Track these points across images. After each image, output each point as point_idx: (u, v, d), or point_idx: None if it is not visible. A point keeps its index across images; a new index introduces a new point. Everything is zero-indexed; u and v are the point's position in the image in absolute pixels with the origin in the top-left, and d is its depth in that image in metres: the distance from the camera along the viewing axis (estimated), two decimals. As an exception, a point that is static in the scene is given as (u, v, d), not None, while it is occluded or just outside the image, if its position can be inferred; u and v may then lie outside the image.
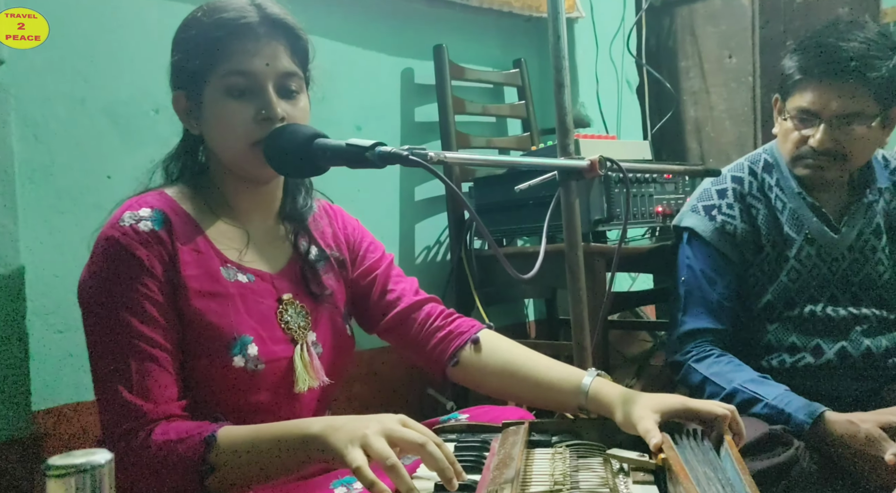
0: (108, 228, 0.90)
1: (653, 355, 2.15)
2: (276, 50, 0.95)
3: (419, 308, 1.11)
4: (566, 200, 1.13)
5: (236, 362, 0.91)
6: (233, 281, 0.95)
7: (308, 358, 0.98)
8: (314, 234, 1.08)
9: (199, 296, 0.92)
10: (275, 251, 1.03)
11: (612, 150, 1.85)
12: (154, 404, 0.84)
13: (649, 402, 0.90)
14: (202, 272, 0.93)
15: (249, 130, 0.93)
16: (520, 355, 1.07)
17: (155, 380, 0.86)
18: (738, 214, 1.45)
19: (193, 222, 0.96)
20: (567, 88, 1.12)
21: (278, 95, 0.95)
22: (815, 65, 1.30)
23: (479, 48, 2.22)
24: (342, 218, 1.16)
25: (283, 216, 1.06)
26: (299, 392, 0.97)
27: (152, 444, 0.82)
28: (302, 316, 1.00)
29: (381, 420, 0.76)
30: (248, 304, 0.96)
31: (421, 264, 2.03)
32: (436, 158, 0.84)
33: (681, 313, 1.47)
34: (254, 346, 0.93)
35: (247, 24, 0.93)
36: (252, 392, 0.94)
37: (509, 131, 2.31)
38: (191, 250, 0.93)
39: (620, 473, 0.81)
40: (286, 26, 0.97)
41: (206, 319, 0.91)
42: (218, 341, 0.91)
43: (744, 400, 1.30)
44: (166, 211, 0.93)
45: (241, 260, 0.98)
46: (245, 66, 0.93)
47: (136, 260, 0.88)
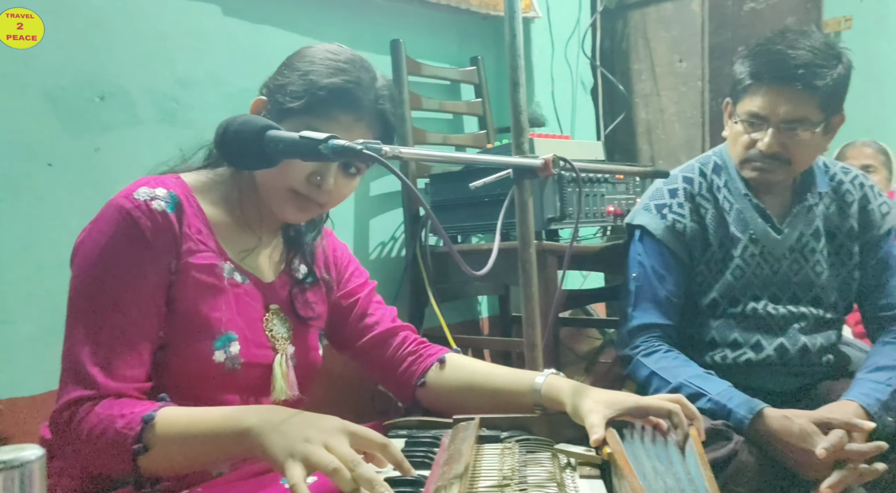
0: (120, 197, 0.90)
1: (602, 352, 2.19)
2: (366, 134, 0.96)
3: (395, 334, 1.15)
4: (520, 198, 1.14)
5: (217, 356, 0.92)
6: (229, 278, 0.97)
7: (286, 369, 1.00)
8: (309, 256, 1.11)
9: (195, 286, 0.92)
10: (271, 262, 1.05)
11: (566, 149, 1.87)
12: (111, 380, 0.84)
13: (601, 396, 0.91)
14: (203, 264, 0.94)
15: (297, 181, 0.94)
16: (480, 369, 1.11)
17: (122, 358, 0.85)
18: (687, 213, 1.48)
19: (203, 215, 0.97)
20: (522, 87, 1.13)
21: (341, 168, 0.96)
22: (765, 71, 1.35)
23: (436, 45, 2.21)
24: (332, 241, 1.19)
25: (285, 236, 1.09)
26: (275, 401, 0.98)
27: (95, 414, 0.81)
28: (285, 328, 1.03)
29: (323, 430, 0.74)
30: (239, 304, 0.97)
31: (375, 259, 2.02)
32: (390, 154, 0.83)
33: (631, 308, 1.50)
34: (237, 344, 0.94)
35: (359, 105, 0.94)
36: (223, 391, 0.95)
37: (465, 129, 2.31)
38: (196, 239, 0.94)
39: (567, 467, 0.83)
40: (388, 122, 0.99)
41: (198, 309, 0.92)
42: (204, 332, 0.92)
43: (689, 395, 1.32)
44: (181, 197, 0.93)
45: (241, 262, 1.00)
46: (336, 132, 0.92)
47: (142, 235, 0.88)
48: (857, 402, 1.28)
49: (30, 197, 1.27)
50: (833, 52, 1.35)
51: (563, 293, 1.75)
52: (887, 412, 1.27)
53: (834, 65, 1.33)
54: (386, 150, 0.83)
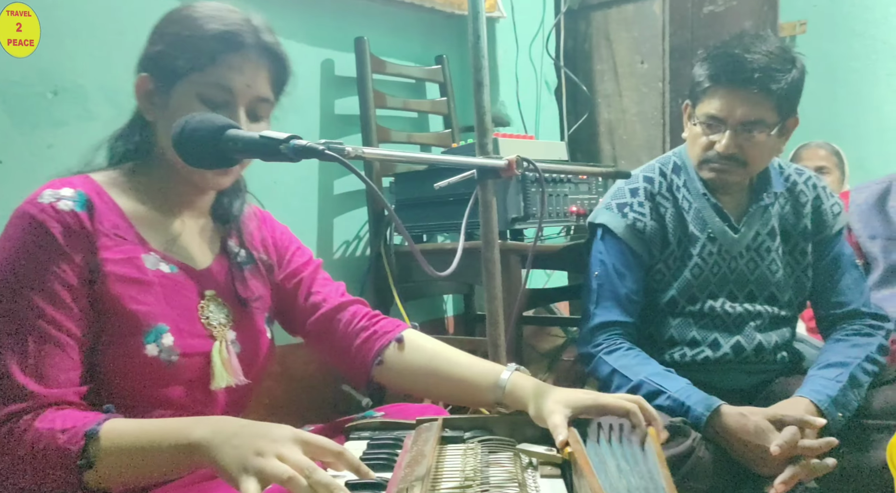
0: (25, 203, 0.87)
1: (565, 349, 2.21)
2: (260, 74, 0.96)
3: (343, 310, 1.11)
4: (483, 198, 1.15)
5: (149, 350, 0.89)
6: (154, 270, 0.94)
7: (227, 355, 0.97)
8: (244, 236, 1.08)
9: (117, 281, 0.89)
10: (203, 247, 1.03)
11: (530, 149, 1.89)
12: (47, 388, 0.81)
13: (561, 396, 0.92)
14: (122, 258, 0.91)
15: None
16: (442, 353, 1.08)
17: (53, 363, 0.82)
18: (647, 212, 1.50)
19: (118, 209, 0.94)
20: (486, 87, 1.13)
21: (247, 116, 0.96)
22: (723, 74, 1.37)
23: (401, 43, 2.20)
24: (271, 223, 1.16)
25: (215, 215, 1.06)
26: (215, 390, 0.95)
27: (35, 430, 0.78)
28: (223, 314, 1.00)
29: (275, 440, 0.73)
30: (168, 294, 0.94)
31: (339, 258, 2.01)
32: (353, 154, 0.83)
33: (593, 306, 1.52)
34: (169, 336, 0.91)
35: (242, 42, 0.94)
36: (164, 385, 0.92)
37: (430, 127, 2.31)
38: (112, 234, 0.91)
39: (529, 467, 0.83)
40: (276, 55, 0.98)
41: (122, 304, 0.89)
42: (132, 327, 0.89)
43: (649, 392, 1.36)
44: (90, 194, 0.91)
45: (167, 251, 0.97)
46: (227, 81, 0.93)
47: (52, 239, 0.85)
48: (808, 398, 1.32)
49: (-23, 195, 1.22)
50: (788, 57, 1.38)
51: (527, 292, 1.76)
52: (838, 408, 1.31)
53: (789, 69, 1.37)
54: (348, 150, 0.82)
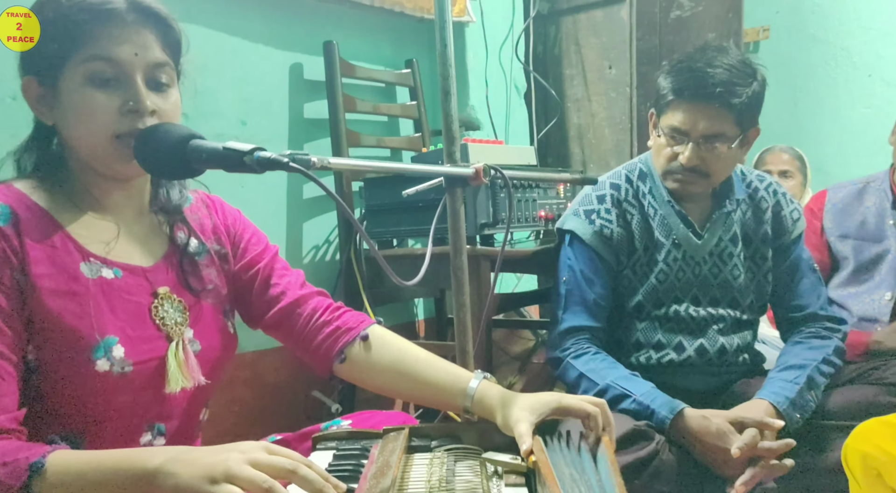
0: None
1: (535, 353, 2.23)
2: (146, 39, 0.89)
3: (304, 303, 1.08)
4: (452, 206, 1.15)
5: (100, 365, 0.85)
6: (95, 278, 0.89)
7: (183, 357, 0.93)
8: (192, 225, 1.03)
9: (53, 295, 0.85)
10: (149, 244, 0.98)
11: (499, 155, 1.90)
12: None
13: (526, 403, 0.93)
14: (56, 270, 0.86)
15: (113, 121, 0.87)
16: (408, 353, 1.06)
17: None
18: (614, 219, 1.53)
19: (48, 217, 0.89)
20: (454, 95, 1.14)
21: (147, 87, 0.89)
22: (686, 88, 1.40)
23: (371, 47, 2.20)
24: (222, 209, 1.10)
25: (156, 208, 1.01)
26: (171, 392, 0.92)
27: None
28: (179, 312, 0.96)
29: (242, 449, 0.72)
30: (112, 301, 0.90)
31: (309, 263, 2.00)
32: (319, 164, 0.83)
33: (561, 311, 1.54)
34: (120, 347, 0.87)
35: (113, 9, 0.87)
36: (115, 396, 0.88)
37: (401, 131, 2.31)
38: (43, 246, 0.86)
39: (495, 476, 0.84)
40: (157, 15, 0.91)
41: (63, 320, 0.85)
42: (78, 344, 0.85)
43: (615, 396, 1.38)
44: (13, 205, 0.86)
45: (108, 254, 0.92)
46: (111, 52, 0.87)
47: None
48: (768, 400, 1.35)
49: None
50: (749, 70, 1.41)
51: (496, 297, 1.78)
52: (796, 410, 1.35)
53: (749, 82, 1.40)
54: (314, 160, 0.82)
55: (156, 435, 0.94)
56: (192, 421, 1.01)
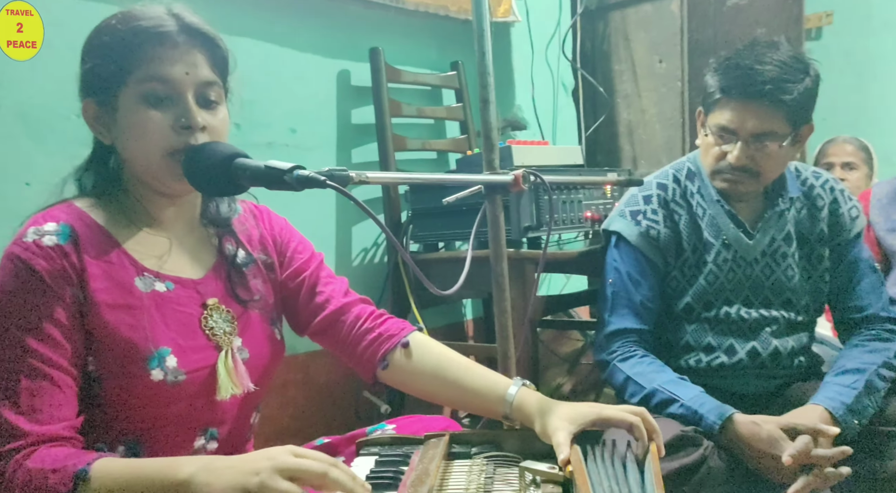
0: (12, 244, 0.88)
1: (584, 353, 2.22)
2: (196, 58, 0.94)
3: (348, 310, 1.10)
4: (491, 213, 1.16)
5: (154, 375, 0.90)
6: (149, 291, 0.94)
7: (232, 365, 0.97)
8: (240, 237, 1.07)
9: (110, 309, 0.90)
10: (199, 257, 1.02)
11: (544, 156, 1.90)
12: (40, 425, 0.82)
13: (565, 413, 0.93)
14: (113, 285, 0.91)
15: (166, 138, 0.92)
16: (449, 360, 1.07)
17: (45, 400, 0.84)
18: (661, 220, 1.51)
19: (105, 233, 0.94)
20: (492, 103, 1.15)
21: (198, 105, 0.94)
22: (734, 86, 1.37)
23: (417, 51, 2.23)
24: (269, 218, 1.14)
25: (206, 221, 1.05)
26: (221, 400, 0.96)
27: (26, 470, 0.80)
28: (227, 321, 0.99)
29: (271, 457, 0.74)
30: (165, 313, 0.94)
31: (358, 266, 2.04)
32: (357, 179, 0.85)
33: (607, 314, 1.52)
34: (172, 358, 0.92)
35: (166, 32, 0.92)
36: (170, 404, 0.92)
37: (447, 133, 2.33)
38: (101, 262, 0.91)
39: (532, 485, 0.85)
40: (205, 36, 0.96)
41: (119, 333, 0.90)
42: (134, 356, 0.90)
43: (662, 400, 1.37)
44: (74, 224, 0.91)
45: (161, 268, 0.96)
46: (164, 72, 0.91)
47: (38, 277, 0.86)
48: (823, 406, 1.31)
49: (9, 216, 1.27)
50: (800, 65, 1.37)
51: (542, 299, 1.78)
52: (853, 416, 1.31)
53: (801, 78, 1.36)
54: (352, 175, 0.85)
55: (209, 440, 0.99)
56: (244, 425, 1.05)
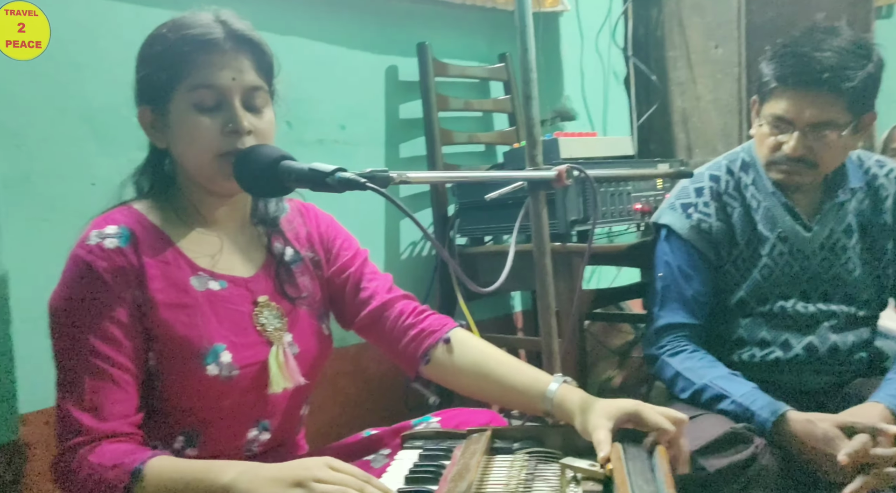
0: (76, 246, 0.93)
1: (634, 346, 2.19)
2: (242, 64, 0.97)
3: (392, 306, 1.12)
4: (534, 209, 1.16)
5: (210, 370, 0.94)
6: (203, 290, 0.98)
7: (283, 360, 1.01)
8: (288, 235, 1.10)
9: (167, 308, 0.94)
10: (250, 255, 1.06)
11: (592, 147, 1.87)
12: (101, 421, 0.87)
13: (605, 409, 0.92)
14: (169, 284, 0.95)
15: (216, 142, 0.95)
16: (490, 357, 1.08)
17: (107, 397, 0.88)
18: (713, 212, 1.47)
19: (162, 234, 0.98)
20: (535, 99, 1.14)
21: (244, 109, 0.97)
22: (790, 74, 1.32)
23: (464, 44, 2.23)
24: (315, 216, 1.17)
25: (256, 220, 1.09)
26: (273, 393, 0.99)
27: (88, 465, 0.84)
28: (277, 318, 1.03)
29: (307, 467, 0.77)
30: (219, 311, 0.98)
31: (406, 259, 2.07)
32: (398, 179, 0.87)
33: (657, 308, 1.50)
34: (227, 353, 0.95)
35: (213, 39, 0.95)
36: (224, 397, 0.96)
37: (495, 126, 2.32)
38: (158, 262, 0.95)
39: (573, 482, 0.85)
40: (251, 42, 0.99)
41: (176, 331, 0.94)
42: (190, 352, 0.94)
43: (712, 396, 1.34)
44: (133, 226, 0.96)
45: (214, 267, 1.00)
46: (212, 80, 0.95)
47: (101, 280, 0.91)
48: (884, 404, 1.27)
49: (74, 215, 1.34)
50: (862, 52, 1.31)
51: (591, 293, 1.76)
52: (915, 415, 1.26)
53: (863, 65, 1.30)
54: (393, 176, 0.86)
55: (261, 431, 1.03)
56: (294, 417, 1.09)
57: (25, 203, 1.35)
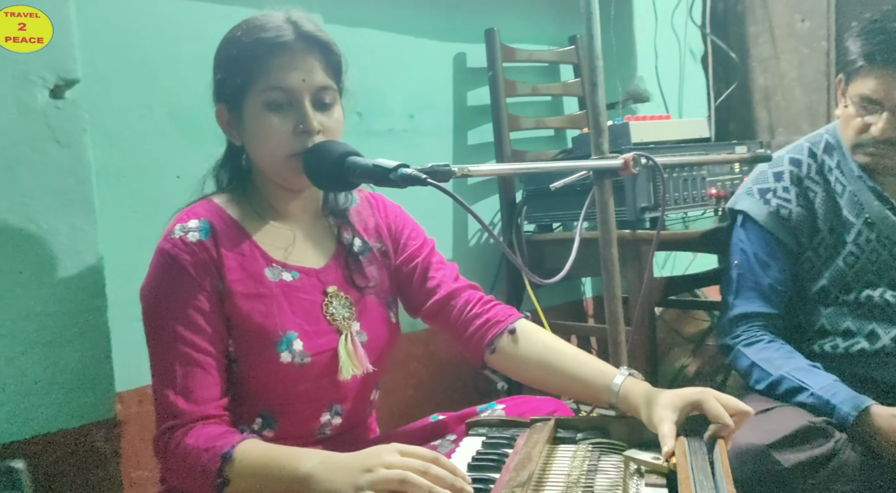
0: (162, 240, 1.00)
1: (709, 334, 2.13)
2: (312, 65, 1.01)
3: (458, 295, 1.14)
4: (600, 198, 1.15)
5: (283, 358, 0.99)
6: (277, 281, 1.02)
7: (352, 348, 1.04)
8: (357, 226, 1.14)
9: (244, 298, 0.99)
10: (320, 247, 1.10)
11: (665, 131, 1.82)
12: (194, 405, 0.93)
13: (670, 401, 0.91)
14: (246, 276, 1.00)
15: (287, 142, 0.99)
16: (554, 348, 1.09)
17: (197, 382, 0.94)
18: (793, 198, 1.42)
19: (239, 227, 1.03)
20: (600, 87, 1.13)
21: (314, 108, 1.01)
22: (878, 52, 1.25)
23: (533, 27, 2.20)
24: (384, 207, 1.20)
25: (327, 212, 1.13)
26: (343, 380, 1.03)
27: (182, 447, 0.90)
28: (346, 307, 1.07)
29: (378, 455, 0.80)
30: (292, 301, 1.02)
31: (474, 246, 2.08)
32: (459, 173, 0.88)
33: (732, 297, 1.47)
34: (299, 341, 1.00)
35: (283, 42, 0.99)
36: (298, 383, 1.01)
37: (565, 109, 2.29)
38: (236, 255, 1.00)
39: (636, 474, 0.85)
40: (320, 42, 1.02)
41: (252, 319, 0.99)
42: (265, 340, 0.99)
43: (790, 388, 1.30)
44: (212, 220, 1.01)
45: (287, 259, 1.05)
46: (282, 81, 0.99)
47: (185, 271, 0.96)
48: None
49: (162, 207, 1.42)
50: None
51: (661, 281, 1.73)
52: None
53: None
54: (455, 170, 0.87)
55: (333, 415, 1.07)
56: (364, 402, 1.13)
57: (119, 197, 1.44)
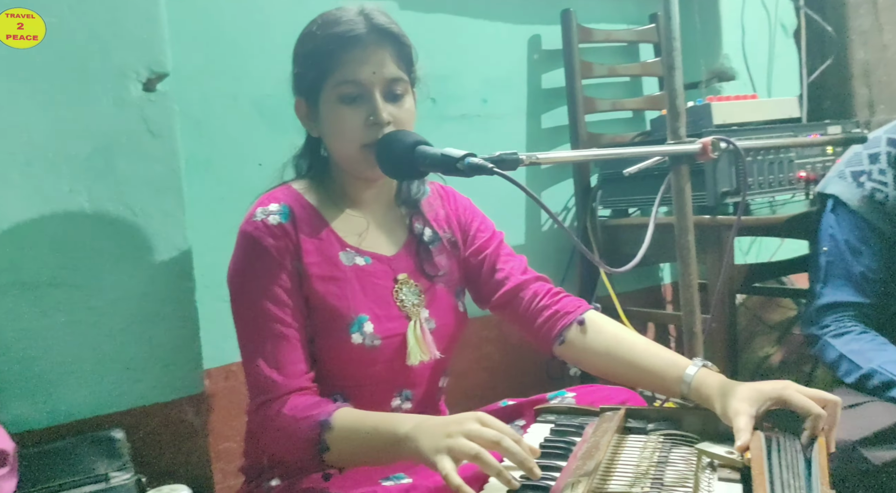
0: (244, 223, 1.04)
1: (795, 323, 2.03)
2: (383, 58, 1.03)
3: (526, 287, 1.15)
4: (676, 184, 1.12)
5: (354, 339, 1.02)
6: (351, 265, 1.06)
7: (420, 334, 1.07)
8: (428, 216, 1.16)
9: (320, 280, 1.03)
10: (392, 235, 1.13)
11: (751, 111, 1.74)
12: (286, 378, 0.97)
13: (748, 394, 0.88)
14: (322, 259, 1.04)
15: (360, 133, 1.03)
16: (624, 339, 1.08)
17: (287, 356, 0.98)
18: (890, 181, 1.34)
19: (317, 213, 1.08)
20: (678, 70, 1.09)
21: (385, 100, 1.03)
22: None
23: (611, 6, 2.14)
24: (454, 199, 1.23)
25: (399, 202, 1.16)
26: (411, 365, 1.06)
27: (281, 417, 0.94)
28: (416, 294, 1.10)
29: (460, 422, 0.82)
30: (364, 285, 1.06)
31: (548, 231, 2.06)
32: (527, 161, 0.88)
33: (820, 285, 1.41)
34: (370, 324, 1.03)
35: (356, 36, 1.02)
36: (369, 365, 1.04)
37: (643, 90, 2.23)
38: (313, 238, 1.05)
39: (708, 468, 0.83)
40: (391, 34, 1.05)
41: (327, 301, 1.03)
42: (338, 321, 1.02)
43: (882, 382, 1.24)
44: (292, 204, 1.05)
45: (360, 245, 1.09)
46: (355, 75, 1.02)
47: (267, 251, 1.01)
48: None
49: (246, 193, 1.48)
50: None
51: (742, 268, 1.66)
52: None
53: None
54: (522, 158, 0.87)
55: (404, 400, 1.11)
56: (433, 388, 1.16)
57: (207, 184, 1.51)
